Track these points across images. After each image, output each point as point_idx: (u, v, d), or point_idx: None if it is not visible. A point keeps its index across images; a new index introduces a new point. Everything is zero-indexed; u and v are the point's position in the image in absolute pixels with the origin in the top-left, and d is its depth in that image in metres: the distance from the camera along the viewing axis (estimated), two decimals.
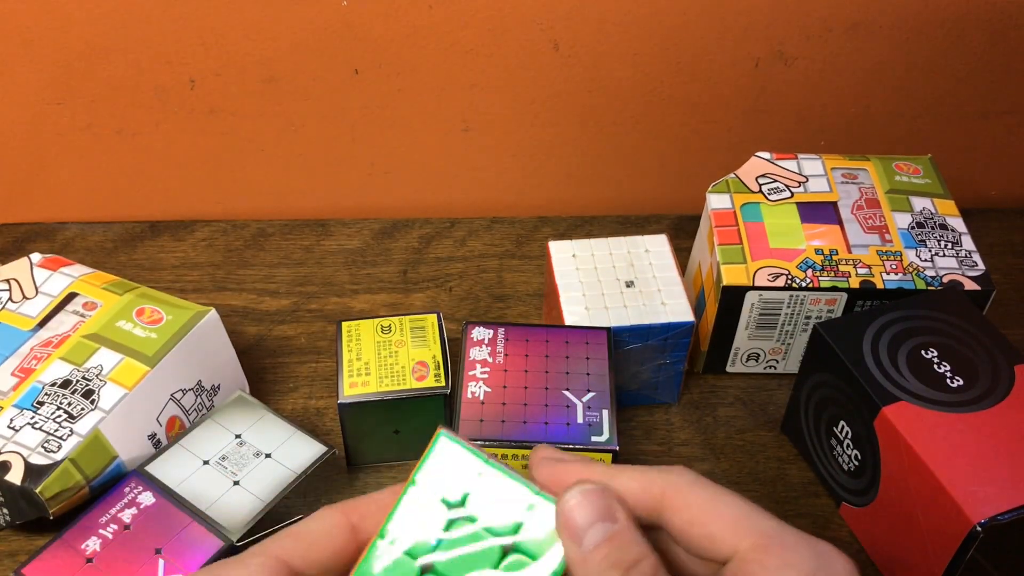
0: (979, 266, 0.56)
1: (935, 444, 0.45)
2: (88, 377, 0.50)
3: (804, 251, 0.56)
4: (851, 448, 0.50)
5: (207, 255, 0.69)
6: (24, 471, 0.46)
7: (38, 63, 0.64)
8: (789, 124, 0.70)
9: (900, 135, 0.72)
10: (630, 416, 0.58)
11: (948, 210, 0.59)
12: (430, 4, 0.63)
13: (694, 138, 0.71)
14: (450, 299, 0.66)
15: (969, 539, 0.42)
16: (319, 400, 0.59)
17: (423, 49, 0.65)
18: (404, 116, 0.69)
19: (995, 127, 0.72)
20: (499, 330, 0.51)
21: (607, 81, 0.67)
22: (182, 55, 0.64)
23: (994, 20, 0.65)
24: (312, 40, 0.64)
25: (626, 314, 0.53)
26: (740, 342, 0.58)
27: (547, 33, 0.64)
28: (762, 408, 0.59)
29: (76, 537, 0.45)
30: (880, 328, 0.51)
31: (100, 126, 0.68)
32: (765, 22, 0.64)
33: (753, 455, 0.56)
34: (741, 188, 0.60)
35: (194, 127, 0.68)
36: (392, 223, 0.72)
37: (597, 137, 0.71)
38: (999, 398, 0.47)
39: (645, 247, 0.57)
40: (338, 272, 0.68)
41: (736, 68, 0.67)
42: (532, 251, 0.70)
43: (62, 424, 0.48)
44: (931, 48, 0.67)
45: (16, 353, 0.52)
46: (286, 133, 0.69)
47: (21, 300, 0.54)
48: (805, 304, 0.56)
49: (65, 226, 0.72)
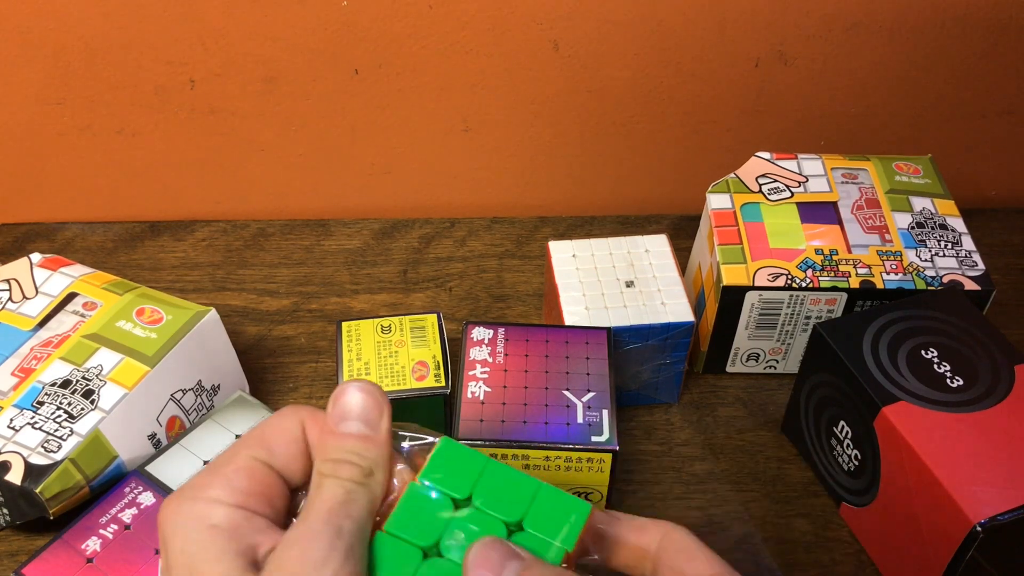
0: (979, 266, 0.56)
1: (935, 444, 0.45)
2: (88, 377, 0.50)
3: (804, 251, 0.56)
4: (851, 448, 0.50)
5: (207, 255, 0.69)
6: (24, 471, 0.46)
7: (38, 63, 0.64)
8: (789, 124, 0.71)
9: (900, 135, 0.72)
10: (630, 416, 0.58)
11: (948, 210, 0.59)
12: (430, 4, 0.63)
13: (694, 138, 0.71)
14: (450, 299, 0.66)
15: (969, 539, 0.42)
16: (319, 400, 0.59)
17: (423, 49, 0.65)
18: (404, 116, 0.69)
19: (995, 127, 0.72)
20: (499, 330, 0.51)
21: (607, 81, 0.67)
22: (182, 55, 0.64)
23: (994, 20, 0.65)
24: (312, 40, 0.64)
25: (626, 314, 0.53)
26: (740, 342, 0.58)
27: (547, 33, 0.64)
28: (762, 408, 0.59)
29: (76, 537, 0.45)
30: (880, 328, 0.51)
31: (100, 126, 0.68)
32: (765, 22, 0.64)
33: (753, 455, 0.56)
34: (741, 188, 0.60)
35: (194, 127, 0.68)
36: (392, 223, 0.72)
37: (597, 137, 0.71)
38: (999, 398, 0.47)
39: (645, 247, 0.57)
40: (338, 272, 0.68)
41: (736, 68, 0.67)
42: (532, 251, 0.70)
43: (62, 424, 0.48)
44: (931, 48, 0.67)
45: (16, 353, 0.52)
46: (286, 133, 0.69)
47: (21, 300, 0.54)
48: (805, 304, 0.56)
49: (65, 226, 0.72)
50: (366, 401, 0.32)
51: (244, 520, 0.30)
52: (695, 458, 0.56)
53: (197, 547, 0.29)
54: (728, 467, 0.55)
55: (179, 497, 0.31)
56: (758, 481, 0.55)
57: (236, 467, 0.31)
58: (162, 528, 0.30)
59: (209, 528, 0.29)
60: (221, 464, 0.32)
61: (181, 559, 0.29)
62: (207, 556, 0.29)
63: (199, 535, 0.29)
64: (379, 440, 0.32)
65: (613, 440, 0.46)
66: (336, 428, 0.32)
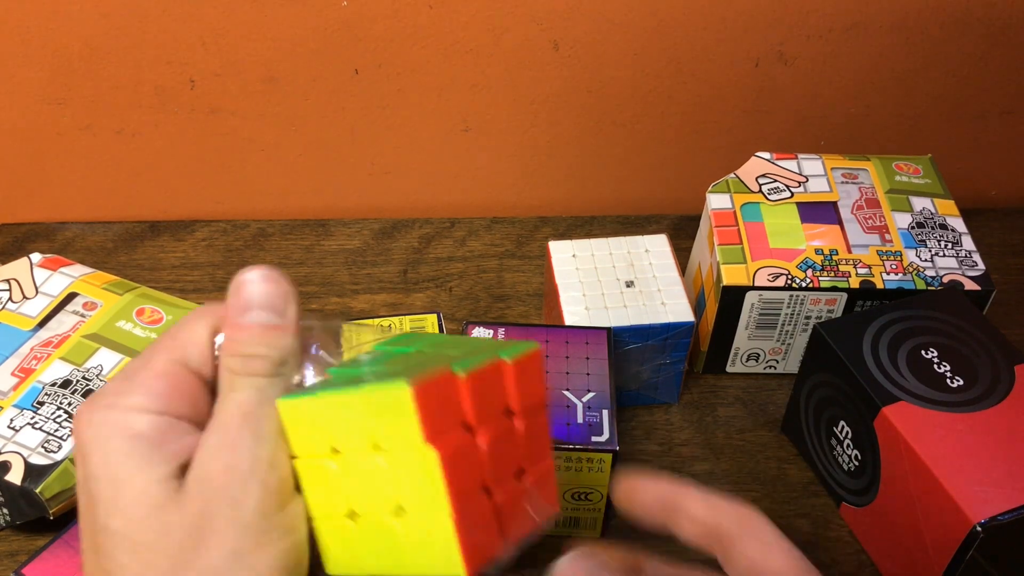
0: (979, 266, 0.56)
1: (935, 444, 0.45)
2: (88, 377, 0.50)
3: (804, 251, 0.56)
4: (851, 448, 0.50)
5: (207, 255, 0.69)
6: (24, 471, 0.46)
7: (38, 63, 0.64)
8: (789, 124, 0.70)
9: (900, 135, 0.72)
10: (630, 416, 0.58)
11: (948, 210, 0.59)
12: (430, 4, 0.63)
13: (694, 138, 0.71)
14: (450, 299, 0.66)
15: (969, 539, 0.42)
16: None
17: (423, 49, 0.65)
18: (404, 116, 0.69)
19: (995, 127, 0.72)
20: (499, 330, 0.51)
21: (607, 81, 0.67)
22: (182, 55, 0.64)
23: (994, 20, 0.65)
24: (312, 40, 0.64)
25: (626, 314, 0.53)
26: (740, 342, 0.58)
27: (547, 33, 0.64)
28: (762, 408, 0.59)
29: (76, 537, 0.45)
30: (880, 328, 0.51)
31: (100, 126, 0.68)
32: (765, 22, 0.64)
33: (753, 455, 0.56)
34: (741, 188, 0.60)
35: (194, 127, 0.68)
36: (392, 223, 0.72)
37: (597, 137, 0.71)
38: (999, 398, 0.47)
39: (645, 247, 0.57)
40: (338, 272, 0.68)
41: (736, 68, 0.67)
42: (532, 251, 0.70)
43: (62, 424, 0.48)
44: (931, 48, 0.67)
45: (16, 353, 0.52)
46: (286, 133, 0.69)
47: (21, 300, 0.54)
48: (805, 304, 0.56)
49: (65, 226, 0.72)
50: (269, 288, 0.30)
51: (168, 426, 0.29)
52: (695, 458, 0.56)
53: (120, 456, 0.28)
54: (728, 467, 0.55)
55: (95, 406, 0.29)
56: (758, 481, 0.55)
57: (155, 372, 0.30)
58: (79, 440, 0.29)
59: (132, 437, 0.28)
60: (137, 370, 0.30)
61: (103, 471, 0.28)
62: (131, 465, 0.28)
63: (121, 444, 0.28)
64: (287, 328, 0.30)
65: (613, 440, 0.46)
66: (240, 320, 0.30)
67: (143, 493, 0.28)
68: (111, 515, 0.28)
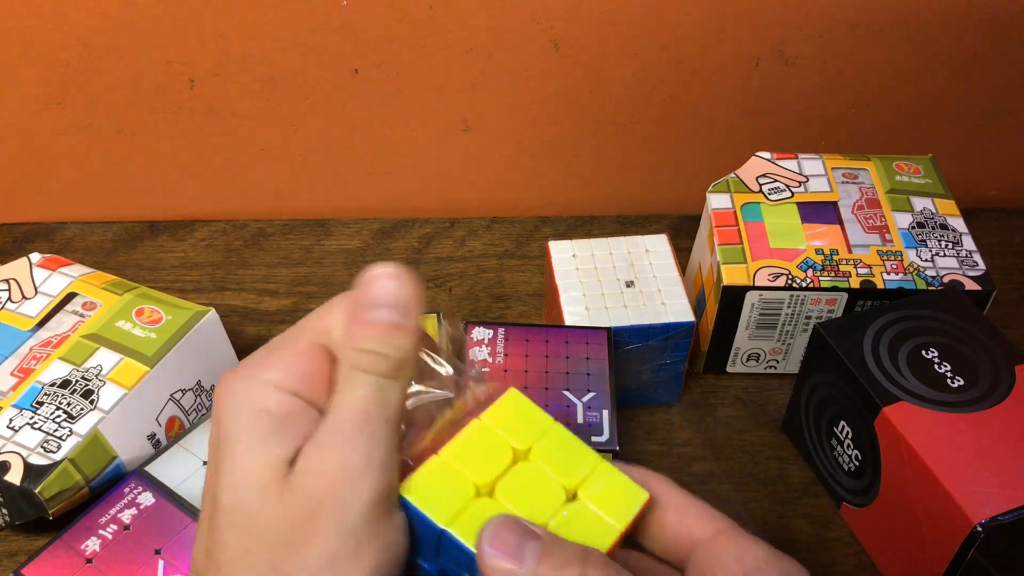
0: (979, 266, 0.56)
1: (935, 444, 0.45)
2: (88, 377, 0.50)
3: (804, 251, 0.56)
4: (851, 448, 0.50)
5: (207, 255, 0.69)
6: (24, 471, 0.46)
7: (38, 63, 0.64)
8: (789, 124, 0.70)
9: (900, 135, 0.72)
10: (630, 416, 0.58)
11: (948, 210, 0.59)
12: (430, 4, 0.63)
13: (694, 138, 0.71)
14: (450, 299, 0.66)
15: (969, 539, 0.42)
16: None
17: (423, 49, 0.65)
18: (404, 116, 0.69)
19: (995, 127, 0.72)
20: (499, 330, 0.51)
21: (607, 81, 0.67)
22: (182, 55, 0.64)
23: (994, 20, 0.65)
24: (312, 40, 0.64)
25: (626, 314, 0.53)
26: (740, 342, 0.58)
27: (547, 33, 0.64)
28: (762, 408, 0.58)
29: (76, 537, 0.45)
30: (880, 328, 0.50)
31: (99, 126, 0.68)
32: (765, 22, 0.64)
33: (753, 455, 0.56)
34: (741, 188, 0.60)
35: (194, 127, 0.68)
36: (392, 223, 0.72)
37: (597, 137, 0.71)
38: (999, 398, 0.47)
39: (645, 247, 0.57)
40: (338, 272, 0.68)
41: (736, 68, 0.67)
42: (532, 251, 0.70)
43: (61, 424, 0.48)
44: (931, 48, 0.67)
45: (15, 353, 0.51)
46: (286, 133, 0.69)
47: (21, 300, 0.54)
48: (805, 304, 0.55)
49: (65, 226, 0.72)
50: (398, 287, 0.30)
51: (296, 409, 0.29)
52: (695, 458, 0.56)
53: (243, 429, 0.28)
54: (728, 467, 0.55)
55: (236, 375, 0.29)
56: (758, 481, 0.55)
57: (296, 350, 0.29)
58: (216, 403, 0.29)
59: (258, 412, 0.28)
60: (283, 344, 0.30)
61: (226, 439, 0.28)
62: (251, 440, 0.28)
63: (247, 417, 0.28)
64: (410, 330, 0.29)
65: (613, 440, 0.46)
66: (367, 316, 0.29)
67: (252, 473, 0.28)
68: (223, 489, 0.28)
